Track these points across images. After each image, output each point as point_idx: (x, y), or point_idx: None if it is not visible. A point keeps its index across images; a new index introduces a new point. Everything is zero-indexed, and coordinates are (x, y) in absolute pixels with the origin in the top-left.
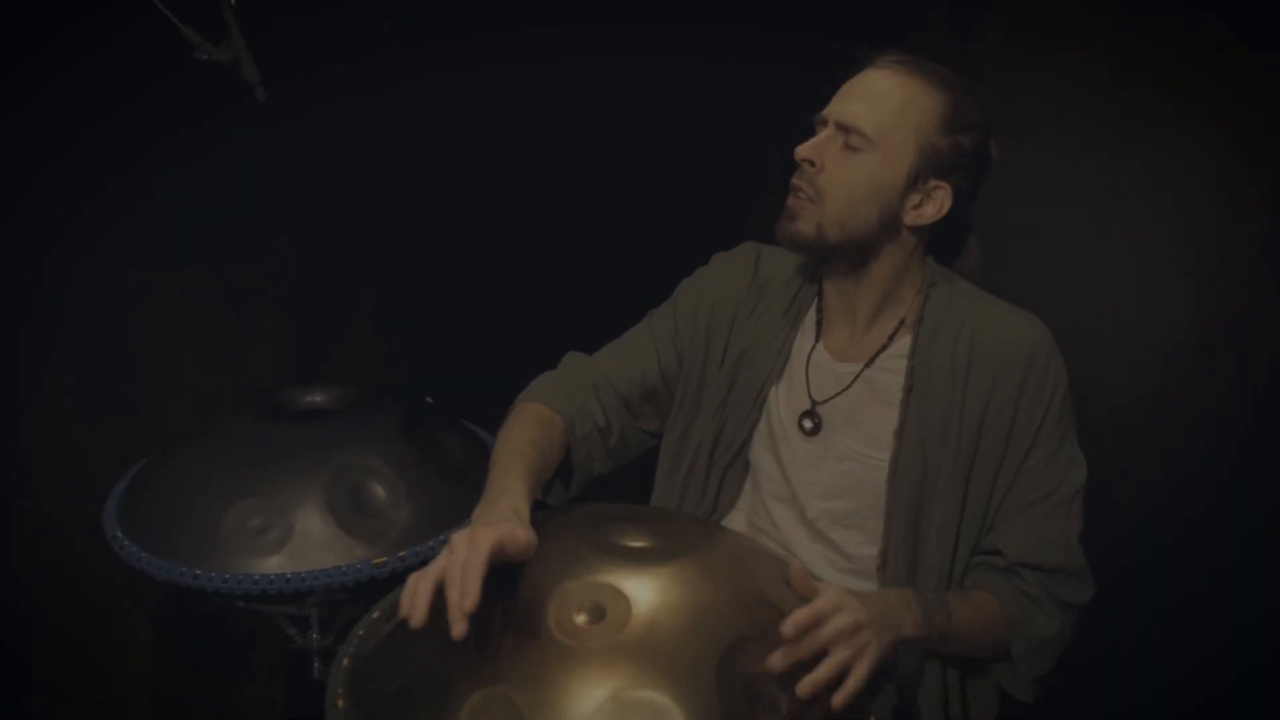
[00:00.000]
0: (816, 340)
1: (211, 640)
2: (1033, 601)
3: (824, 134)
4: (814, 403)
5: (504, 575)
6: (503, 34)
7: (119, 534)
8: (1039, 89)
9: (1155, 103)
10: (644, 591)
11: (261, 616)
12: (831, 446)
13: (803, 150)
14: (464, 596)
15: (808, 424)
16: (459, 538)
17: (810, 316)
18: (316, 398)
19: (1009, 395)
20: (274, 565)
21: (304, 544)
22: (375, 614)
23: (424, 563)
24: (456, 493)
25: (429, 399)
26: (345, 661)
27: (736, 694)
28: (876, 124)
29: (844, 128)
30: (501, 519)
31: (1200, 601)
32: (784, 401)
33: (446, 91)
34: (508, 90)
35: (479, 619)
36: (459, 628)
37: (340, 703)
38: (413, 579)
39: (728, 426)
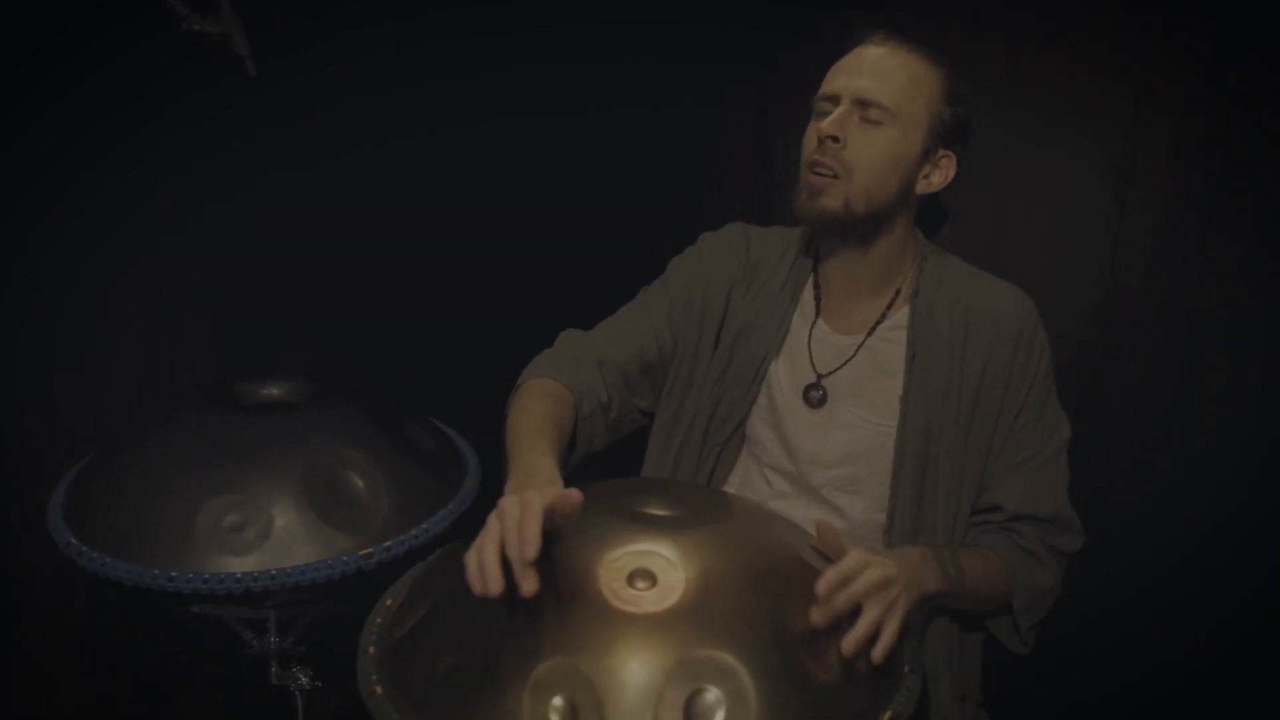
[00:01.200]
0: (817, 315)
1: (151, 649)
2: (1031, 555)
3: (840, 110)
4: (819, 376)
5: (546, 550)
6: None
7: (73, 540)
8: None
9: (1061, 69)
10: (689, 556)
11: (209, 622)
12: (837, 416)
13: (827, 126)
14: (523, 544)
15: (815, 395)
16: (508, 502)
17: (808, 292)
18: (273, 390)
19: (1003, 361)
20: (254, 563)
21: (286, 539)
22: (389, 601)
23: (409, 553)
24: (432, 481)
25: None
26: (371, 650)
27: (793, 650)
28: (894, 97)
29: (862, 102)
30: (537, 482)
31: (1188, 600)
32: (785, 376)
33: (447, 91)
34: (507, 90)
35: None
36: (530, 584)
37: (378, 689)
38: (473, 553)
39: (724, 402)
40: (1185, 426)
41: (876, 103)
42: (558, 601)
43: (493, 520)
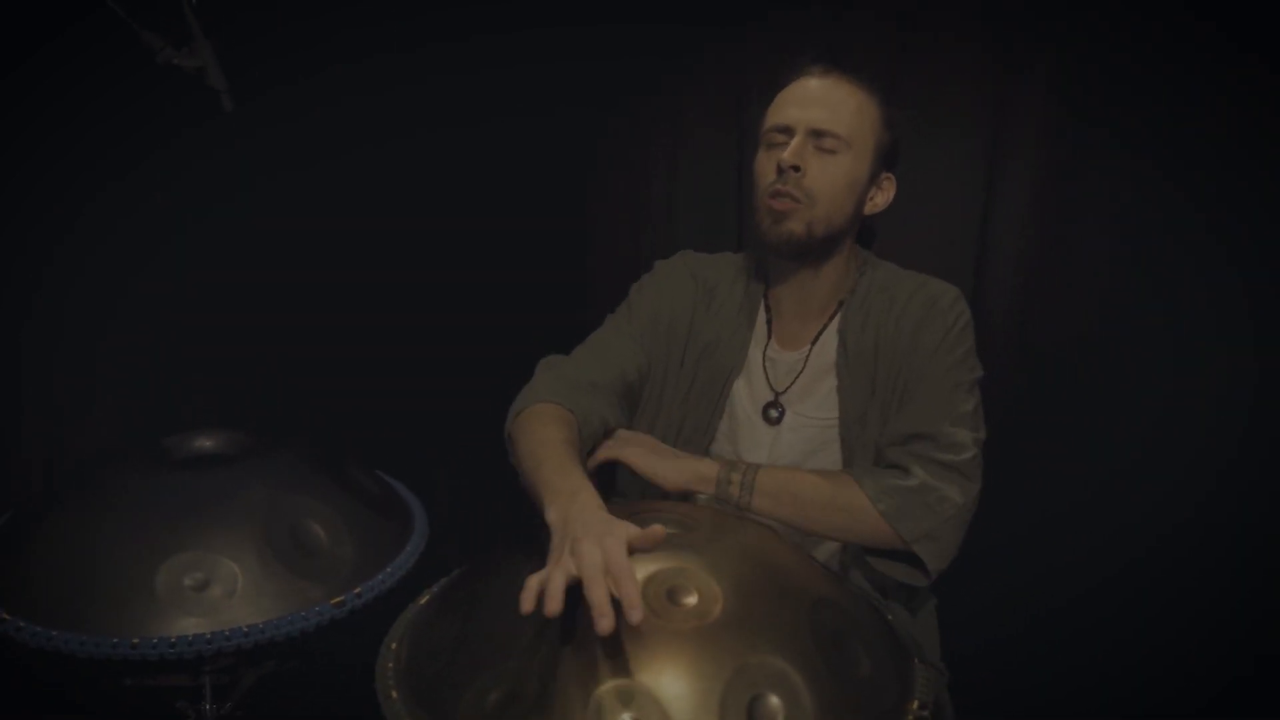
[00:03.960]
0: (769, 336)
1: None
2: (894, 466)
3: (797, 141)
4: (776, 394)
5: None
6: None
7: (5, 615)
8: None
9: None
10: (719, 569)
11: (136, 695)
12: (785, 422)
13: (788, 157)
14: (631, 608)
15: (773, 413)
16: (587, 547)
17: (761, 314)
18: (204, 443)
19: (916, 324)
20: (225, 620)
21: (255, 593)
22: (393, 645)
23: (377, 599)
24: (385, 524)
25: None
26: (394, 694)
27: (829, 650)
28: (846, 126)
29: (817, 132)
30: (602, 518)
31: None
32: (746, 395)
33: (446, 93)
34: (506, 93)
35: (577, 617)
36: (607, 623)
37: None
38: (535, 579)
39: (689, 421)
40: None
41: (832, 132)
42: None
43: (564, 554)
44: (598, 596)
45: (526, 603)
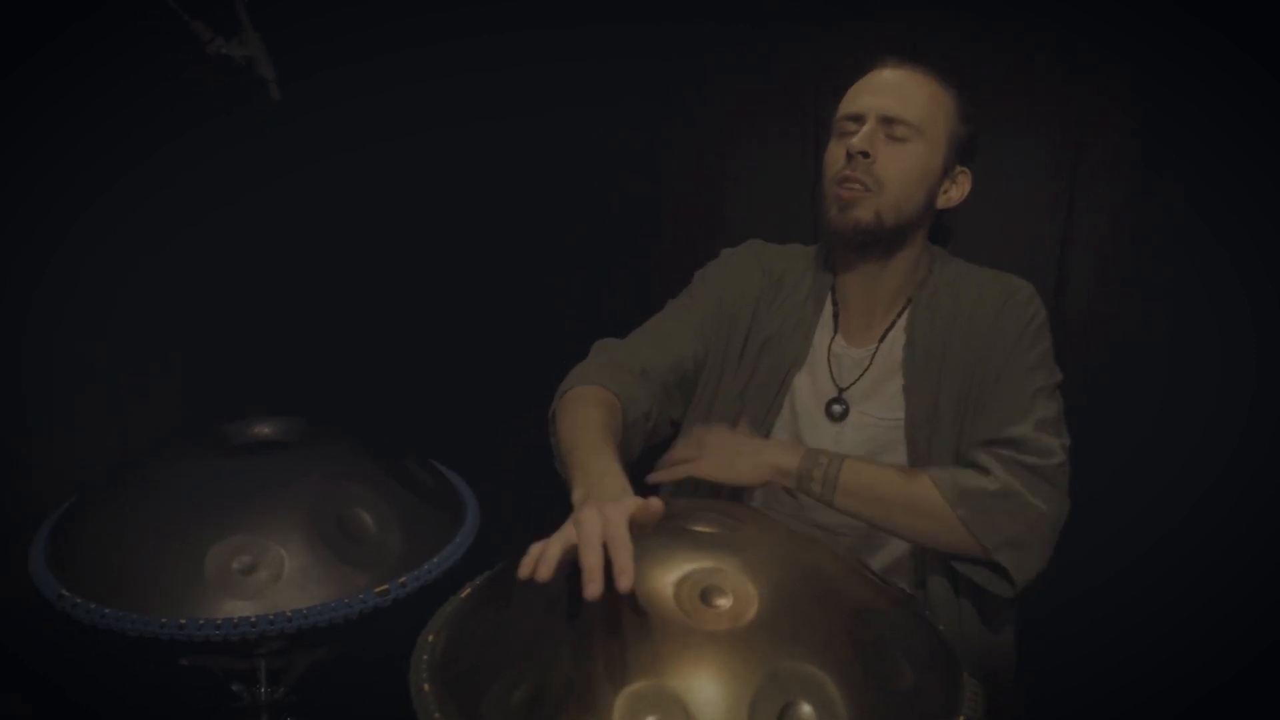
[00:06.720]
0: (836, 330)
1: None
2: (974, 465)
3: (867, 128)
4: (840, 390)
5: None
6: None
7: (64, 593)
8: None
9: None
10: (755, 572)
11: (190, 676)
12: (850, 421)
13: (858, 142)
14: (621, 574)
15: (837, 409)
16: (588, 515)
17: (828, 307)
18: (263, 429)
19: (990, 322)
20: (267, 605)
21: (301, 579)
22: (430, 637)
23: (423, 589)
24: (435, 514)
25: None
26: (426, 687)
27: (870, 659)
28: (919, 115)
29: (889, 120)
30: (615, 492)
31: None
32: (808, 388)
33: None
34: (576, 85)
35: (605, 613)
36: (595, 588)
37: None
38: (536, 546)
39: (747, 413)
40: (1124, 423)
41: (902, 119)
42: (637, 623)
43: (569, 526)
44: (589, 561)
45: (523, 569)
